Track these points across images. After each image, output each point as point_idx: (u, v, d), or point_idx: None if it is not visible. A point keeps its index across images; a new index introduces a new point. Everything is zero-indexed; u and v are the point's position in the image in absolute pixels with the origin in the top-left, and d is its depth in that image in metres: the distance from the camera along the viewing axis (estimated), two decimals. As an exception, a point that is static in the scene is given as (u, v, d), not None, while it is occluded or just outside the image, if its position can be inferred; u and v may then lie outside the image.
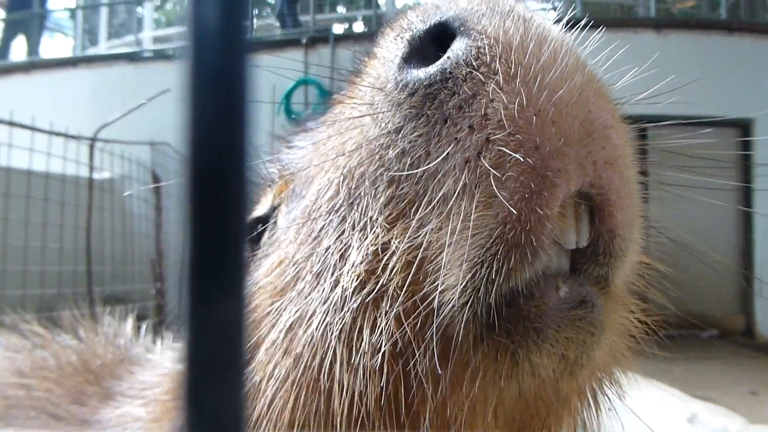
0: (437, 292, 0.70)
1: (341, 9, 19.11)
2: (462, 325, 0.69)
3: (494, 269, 0.67)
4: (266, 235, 1.05)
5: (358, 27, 14.03)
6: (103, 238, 6.26)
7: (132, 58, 12.01)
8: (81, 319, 1.90)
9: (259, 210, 1.10)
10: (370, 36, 0.91)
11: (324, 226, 0.82)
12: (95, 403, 1.57)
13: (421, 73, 0.74)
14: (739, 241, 10.09)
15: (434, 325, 0.70)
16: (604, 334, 0.75)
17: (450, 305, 0.69)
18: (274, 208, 1.06)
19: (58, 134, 5.55)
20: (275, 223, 1.03)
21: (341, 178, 0.82)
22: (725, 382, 6.64)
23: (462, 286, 0.68)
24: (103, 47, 14.54)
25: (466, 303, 0.68)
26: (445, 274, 0.70)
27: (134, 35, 14.03)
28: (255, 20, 13.06)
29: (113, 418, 1.42)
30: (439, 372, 0.71)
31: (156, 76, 10.70)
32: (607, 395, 0.92)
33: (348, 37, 11.76)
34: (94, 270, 5.81)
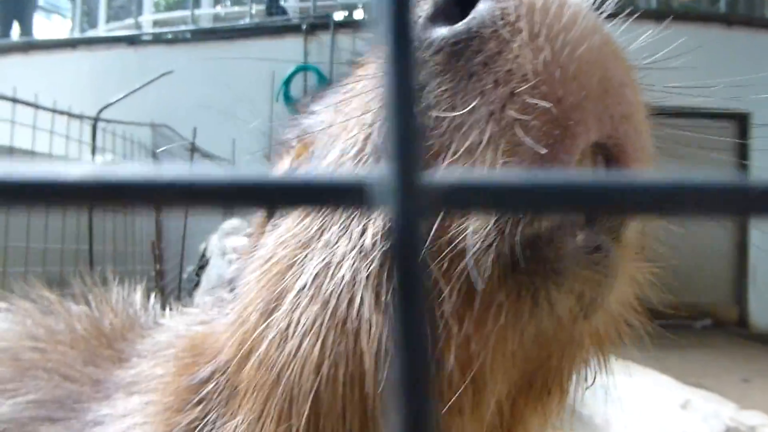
0: (464, 234, 0.74)
1: (341, -4, 19.03)
2: (487, 266, 0.73)
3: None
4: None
5: (359, 14, 13.96)
6: (104, 217, 6.28)
7: (131, 41, 11.97)
8: (91, 288, 1.92)
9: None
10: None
11: None
12: (108, 365, 1.60)
13: (446, 30, 0.77)
14: (734, 231, 10.16)
15: (460, 266, 0.73)
16: (617, 279, 0.79)
17: (475, 247, 0.73)
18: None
19: (61, 112, 5.55)
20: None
21: (367, 133, 0.86)
22: (718, 371, 6.73)
23: (487, 230, 0.72)
24: (102, 30, 14.48)
25: (491, 245, 0.72)
26: (471, 219, 0.74)
27: (134, 18, 13.95)
28: (254, 6, 12.99)
29: (128, 377, 1.45)
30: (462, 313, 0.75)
31: (156, 60, 10.68)
32: (614, 348, 0.95)
33: (348, 23, 11.72)
34: (96, 249, 5.84)
